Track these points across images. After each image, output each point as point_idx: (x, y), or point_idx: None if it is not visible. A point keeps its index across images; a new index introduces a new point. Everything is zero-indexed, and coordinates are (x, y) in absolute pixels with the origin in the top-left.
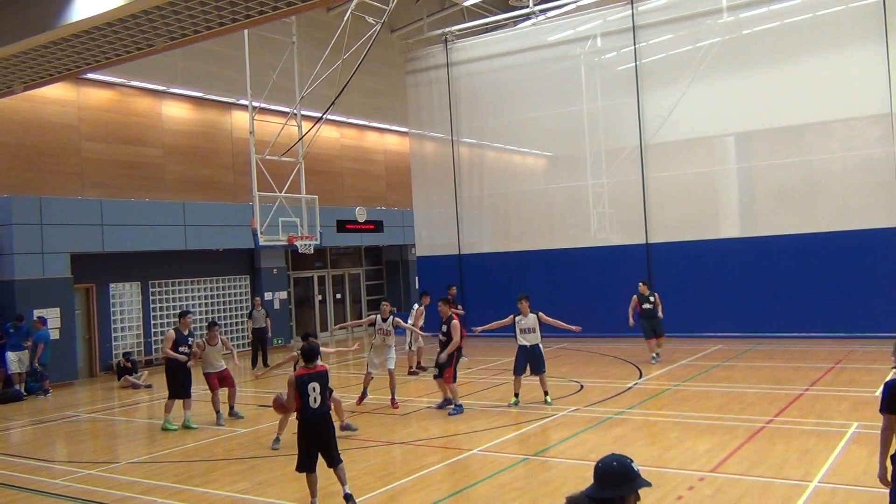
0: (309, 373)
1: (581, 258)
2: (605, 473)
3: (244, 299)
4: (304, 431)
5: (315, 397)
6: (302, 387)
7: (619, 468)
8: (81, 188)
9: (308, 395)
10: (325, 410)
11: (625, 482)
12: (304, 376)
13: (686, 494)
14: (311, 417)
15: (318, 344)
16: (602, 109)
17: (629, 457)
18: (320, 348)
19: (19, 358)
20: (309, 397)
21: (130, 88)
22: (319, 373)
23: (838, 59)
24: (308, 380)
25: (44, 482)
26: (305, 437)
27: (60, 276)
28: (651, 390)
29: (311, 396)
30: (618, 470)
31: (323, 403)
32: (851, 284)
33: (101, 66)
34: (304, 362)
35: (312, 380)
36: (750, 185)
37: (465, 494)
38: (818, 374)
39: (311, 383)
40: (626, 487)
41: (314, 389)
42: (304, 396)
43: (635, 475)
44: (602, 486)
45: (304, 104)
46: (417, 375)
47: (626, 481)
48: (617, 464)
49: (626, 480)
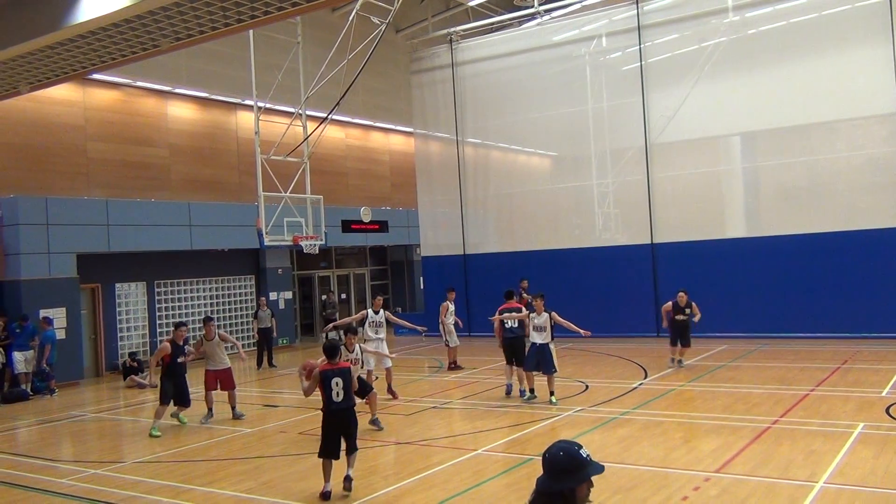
0: (332, 368)
1: (586, 258)
2: (553, 464)
3: (249, 299)
4: (328, 423)
5: (338, 392)
6: (326, 381)
7: (566, 457)
8: (87, 188)
9: (331, 389)
10: (348, 405)
11: (574, 472)
12: (328, 371)
13: (691, 495)
14: (334, 411)
15: (339, 342)
16: (607, 109)
17: (577, 443)
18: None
19: (25, 358)
20: (332, 391)
21: (136, 89)
22: (342, 369)
23: (844, 59)
24: (331, 375)
25: (50, 481)
26: (329, 428)
27: (66, 276)
28: (656, 391)
29: (335, 391)
30: (564, 459)
31: (346, 398)
32: (857, 284)
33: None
34: (328, 359)
35: (335, 375)
36: (755, 185)
37: (470, 494)
38: (824, 375)
39: (334, 378)
40: (576, 478)
41: (337, 384)
42: (327, 391)
43: (584, 463)
44: (551, 477)
45: (309, 104)
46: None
47: (575, 471)
48: (563, 453)
49: (575, 470)
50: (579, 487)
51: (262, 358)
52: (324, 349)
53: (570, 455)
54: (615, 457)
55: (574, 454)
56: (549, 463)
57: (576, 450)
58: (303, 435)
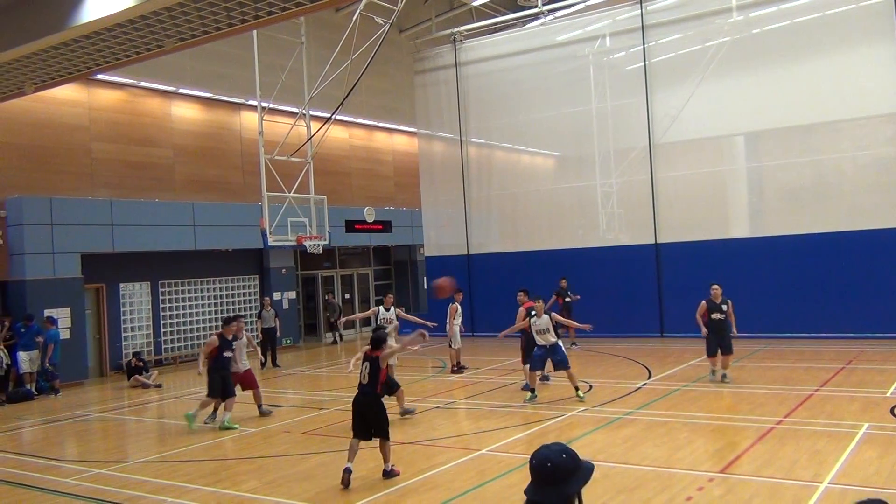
0: (368, 354)
1: (589, 258)
2: (540, 473)
3: (253, 299)
4: (356, 401)
5: (365, 374)
6: (362, 363)
7: (570, 460)
8: (92, 189)
9: (362, 372)
10: (371, 391)
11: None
12: (366, 356)
13: (696, 495)
14: (360, 391)
15: (385, 334)
16: (611, 109)
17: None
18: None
19: (30, 357)
20: (361, 374)
21: (140, 89)
22: (375, 357)
23: (848, 59)
24: (366, 360)
25: (54, 481)
26: (357, 406)
27: (71, 276)
28: (660, 391)
29: (363, 373)
30: (570, 463)
31: (371, 383)
32: (862, 284)
33: (111, 67)
34: (371, 347)
35: (368, 360)
36: (759, 185)
37: (474, 495)
38: (828, 375)
39: (365, 362)
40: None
41: (366, 367)
42: (360, 373)
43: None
44: (538, 486)
45: (312, 104)
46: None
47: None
48: (567, 455)
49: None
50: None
51: (266, 358)
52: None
53: (572, 457)
54: (619, 457)
55: (574, 455)
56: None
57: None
58: (306, 435)
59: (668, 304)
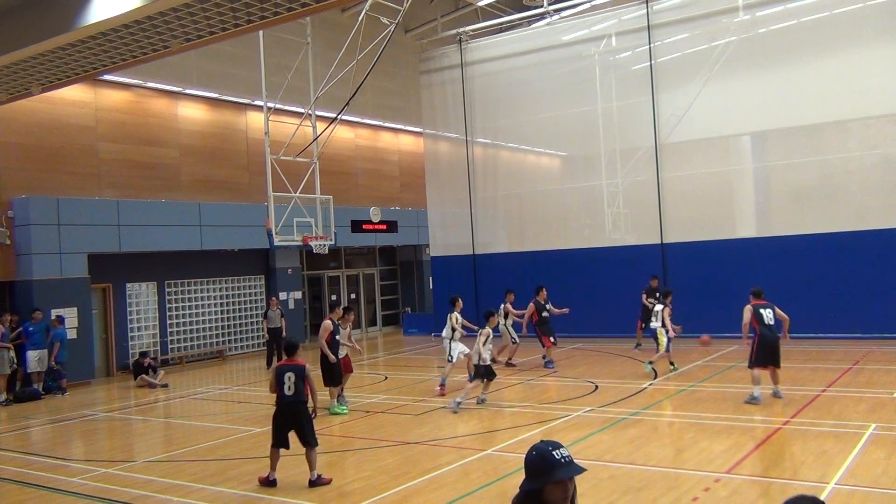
0: (287, 364)
1: (595, 258)
2: (526, 463)
3: (259, 299)
4: (279, 414)
5: (289, 386)
6: (279, 376)
7: (537, 457)
8: (98, 189)
9: (284, 383)
10: (299, 400)
11: (542, 472)
12: (282, 367)
13: (702, 496)
14: (285, 404)
15: (297, 341)
16: (617, 109)
17: (555, 443)
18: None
19: (39, 357)
20: (284, 385)
21: (146, 90)
22: (297, 365)
23: (855, 58)
24: (285, 370)
25: (61, 480)
26: (280, 418)
27: (78, 276)
28: (666, 391)
29: (286, 385)
30: (535, 459)
31: (297, 393)
32: (869, 285)
33: (118, 68)
34: (286, 355)
35: (289, 370)
36: (766, 185)
37: (480, 495)
38: (835, 376)
39: (287, 373)
40: (543, 478)
41: (289, 379)
42: (280, 385)
43: (555, 464)
44: (526, 476)
45: (318, 105)
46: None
47: (543, 471)
48: (536, 452)
49: (543, 470)
50: (548, 488)
51: (271, 358)
52: (284, 346)
53: (540, 455)
54: (625, 457)
55: (545, 454)
56: (525, 462)
57: (549, 450)
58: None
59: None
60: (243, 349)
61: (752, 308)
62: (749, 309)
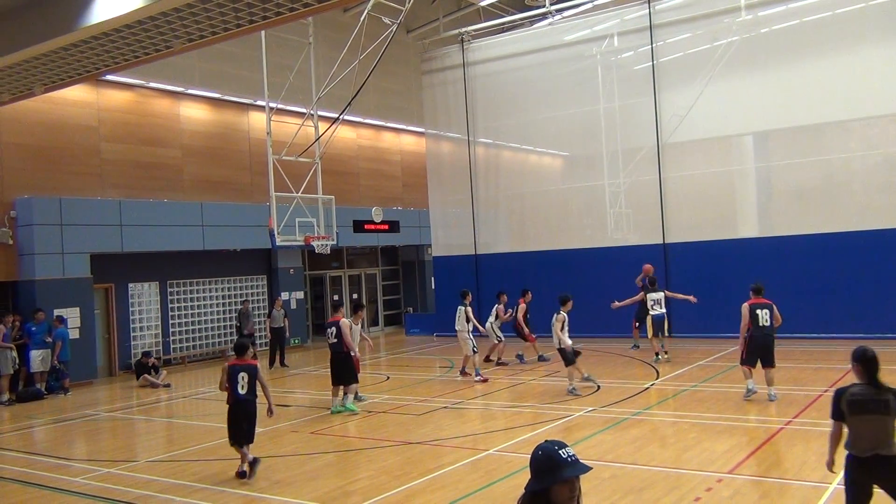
0: (239, 364)
1: (598, 258)
2: (532, 464)
3: (261, 299)
4: (233, 413)
5: (243, 385)
6: (232, 376)
7: (543, 456)
8: (101, 189)
9: (237, 382)
10: (251, 398)
11: (549, 472)
12: (234, 367)
13: (704, 496)
14: (238, 402)
15: (248, 341)
16: (619, 109)
17: (560, 442)
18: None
19: (42, 357)
20: (238, 385)
21: (149, 90)
22: (249, 365)
23: (857, 57)
24: (238, 370)
25: (64, 480)
26: (234, 417)
27: (80, 276)
28: (669, 391)
29: (240, 384)
30: (541, 458)
31: (250, 391)
32: (871, 285)
33: (120, 68)
34: (236, 355)
35: (242, 370)
36: (768, 185)
37: (482, 495)
38: (838, 375)
39: (240, 373)
40: (549, 478)
41: (243, 378)
42: (233, 384)
43: (561, 463)
44: (532, 478)
45: (320, 105)
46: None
47: (550, 471)
48: (542, 452)
49: (550, 470)
50: (555, 488)
51: (274, 357)
52: (234, 347)
53: (546, 454)
54: (627, 457)
55: (551, 454)
56: (530, 462)
57: (554, 449)
58: (314, 434)
59: (676, 305)
60: None
61: (749, 308)
62: (746, 308)
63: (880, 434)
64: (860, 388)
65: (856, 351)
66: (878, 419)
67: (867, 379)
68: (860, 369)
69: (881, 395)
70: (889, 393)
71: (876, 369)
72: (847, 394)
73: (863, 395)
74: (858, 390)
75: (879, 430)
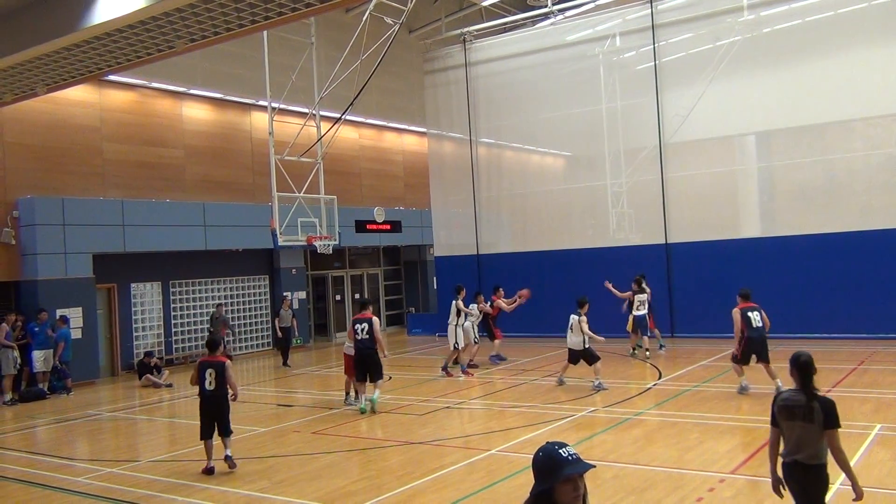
0: (208, 361)
1: (600, 258)
2: (534, 465)
3: (263, 299)
4: (203, 407)
5: (210, 381)
6: (201, 371)
7: (544, 457)
8: (103, 189)
9: (205, 378)
10: (221, 393)
11: (551, 471)
12: (203, 363)
13: (706, 496)
14: (207, 397)
15: (220, 337)
16: (621, 109)
17: (561, 442)
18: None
19: (45, 357)
20: (205, 380)
21: (151, 90)
22: (218, 362)
23: (860, 57)
24: (206, 366)
25: (66, 480)
26: (204, 411)
27: (83, 276)
28: (671, 391)
29: (207, 380)
30: (542, 459)
31: (218, 387)
32: (874, 285)
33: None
34: (208, 352)
35: (210, 367)
36: (770, 185)
37: (484, 495)
38: (840, 376)
39: (208, 369)
40: (553, 477)
41: (210, 374)
42: (201, 380)
43: (563, 462)
44: (535, 479)
45: (322, 105)
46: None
47: (553, 470)
48: (542, 453)
49: (552, 469)
50: (558, 488)
51: (286, 355)
52: (206, 344)
53: (547, 454)
54: (629, 457)
55: (552, 453)
56: (532, 465)
57: (555, 449)
58: (316, 434)
59: (678, 305)
60: (247, 349)
61: (741, 312)
62: (738, 313)
63: (802, 441)
64: (791, 394)
65: (792, 356)
66: (803, 427)
67: (800, 384)
68: (795, 374)
69: (809, 403)
70: (817, 401)
71: (809, 375)
72: (779, 399)
73: (792, 400)
74: (789, 395)
75: (802, 438)
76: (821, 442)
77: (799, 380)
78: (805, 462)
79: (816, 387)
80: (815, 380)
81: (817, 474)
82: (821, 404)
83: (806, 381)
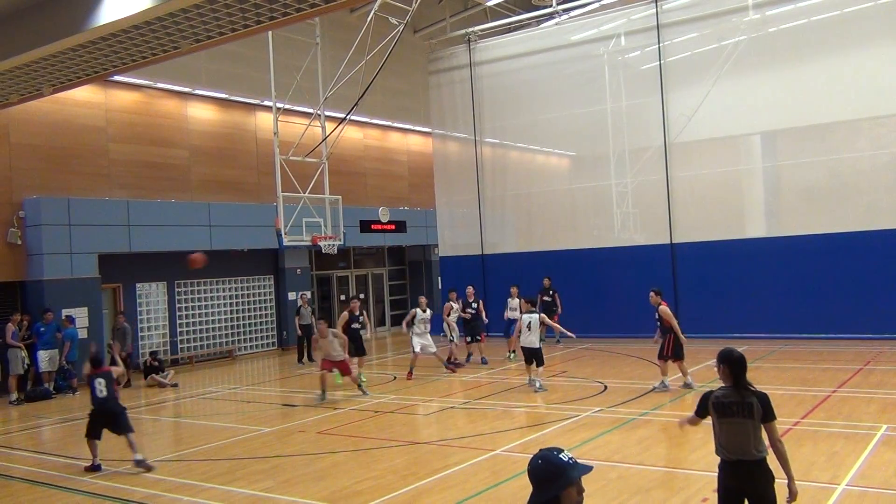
0: (96, 373)
1: (604, 258)
2: (534, 475)
3: (268, 299)
4: (94, 413)
5: (101, 389)
6: (91, 384)
7: (545, 465)
8: (109, 189)
9: (96, 388)
10: (111, 398)
11: (555, 479)
12: (92, 376)
13: (712, 496)
14: (99, 405)
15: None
16: (626, 109)
17: (557, 447)
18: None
19: (50, 357)
20: (96, 389)
21: (156, 90)
22: (105, 372)
23: (866, 56)
24: (95, 378)
25: (72, 479)
26: (95, 416)
27: (88, 276)
28: (676, 391)
29: (98, 389)
30: (543, 467)
31: (109, 394)
32: (880, 285)
33: (128, 69)
34: (92, 367)
35: (99, 377)
36: (776, 185)
37: (488, 495)
38: (846, 376)
39: (97, 380)
40: (558, 484)
41: (100, 384)
42: (92, 389)
43: (565, 466)
44: (537, 488)
45: (327, 105)
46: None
47: (556, 477)
48: (542, 461)
49: (556, 476)
50: (564, 493)
51: (302, 353)
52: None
53: (548, 461)
54: (634, 458)
55: (552, 460)
56: (531, 475)
57: (555, 455)
58: (321, 434)
59: (683, 305)
60: (252, 349)
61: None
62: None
63: (743, 438)
64: (725, 391)
65: (721, 352)
66: (741, 423)
67: (732, 381)
68: (726, 371)
69: (745, 399)
70: (753, 396)
71: (742, 371)
72: (712, 397)
73: (727, 398)
74: (723, 393)
75: (742, 435)
76: (759, 435)
77: (732, 376)
78: (749, 459)
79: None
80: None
81: (764, 468)
82: (758, 399)
83: (740, 376)
